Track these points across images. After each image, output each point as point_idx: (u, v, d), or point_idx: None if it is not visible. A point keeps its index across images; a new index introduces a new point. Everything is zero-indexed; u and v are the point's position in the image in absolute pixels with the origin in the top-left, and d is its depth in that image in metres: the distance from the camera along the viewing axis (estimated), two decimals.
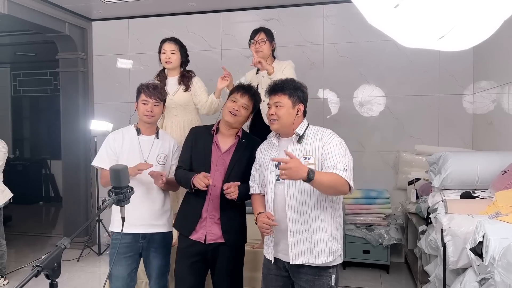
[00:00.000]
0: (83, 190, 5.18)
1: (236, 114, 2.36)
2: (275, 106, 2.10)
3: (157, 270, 2.59)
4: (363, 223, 4.25)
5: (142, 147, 2.56)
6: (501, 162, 2.60)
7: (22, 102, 8.43)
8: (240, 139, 2.42)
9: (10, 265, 4.39)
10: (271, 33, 3.11)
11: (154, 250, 2.57)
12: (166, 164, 2.60)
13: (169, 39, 3.18)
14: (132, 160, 2.48)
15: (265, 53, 3.04)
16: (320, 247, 2.03)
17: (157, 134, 2.62)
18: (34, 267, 1.18)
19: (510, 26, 3.20)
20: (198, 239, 2.37)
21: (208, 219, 2.36)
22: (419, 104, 4.43)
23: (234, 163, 2.37)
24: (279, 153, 2.12)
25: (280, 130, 2.13)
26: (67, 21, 4.87)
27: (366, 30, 2.04)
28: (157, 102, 2.54)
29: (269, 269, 2.17)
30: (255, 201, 2.26)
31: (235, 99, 2.38)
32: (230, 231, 2.37)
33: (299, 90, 2.14)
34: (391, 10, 1.01)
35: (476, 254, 1.91)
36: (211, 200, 2.37)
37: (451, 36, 1.04)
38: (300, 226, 2.03)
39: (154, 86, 2.57)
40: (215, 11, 4.82)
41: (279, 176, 1.91)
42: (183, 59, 3.18)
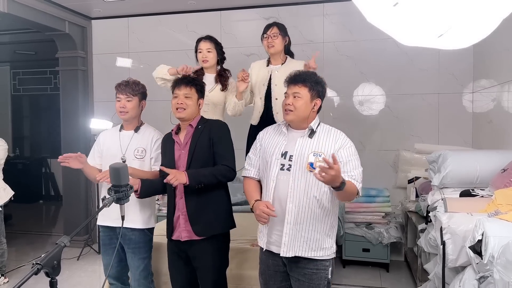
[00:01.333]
0: (83, 189, 5.18)
1: (183, 107, 2.36)
2: (293, 97, 2.07)
3: (136, 272, 2.60)
4: (362, 221, 4.25)
5: (122, 142, 2.62)
6: (501, 160, 2.61)
7: (22, 101, 8.43)
8: (195, 126, 2.41)
9: (10, 263, 4.40)
10: (285, 28, 3.06)
11: (131, 251, 2.59)
12: (145, 158, 2.60)
13: (205, 37, 3.14)
14: (113, 156, 2.55)
15: (277, 48, 3.00)
16: (313, 242, 2.04)
17: (136, 129, 2.64)
18: (34, 265, 1.18)
19: (509, 24, 3.21)
20: (177, 238, 2.38)
21: (181, 216, 2.37)
22: (419, 102, 4.43)
23: (192, 152, 2.35)
24: (286, 142, 2.10)
25: (293, 121, 2.10)
26: (67, 20, 4.86)
27: (366, 28, 2.05)
28: (129, 98, 2.56)
29: (268, 265, 2.16)
30: (250, 186, 2.21)
31: (176, 95, 2.40)
32: (198, 223, 2.34)
33: (320, 85, 2.11)
34: (391, 8, 1.01)
35: (475, 252, 1.91)
36: (179, 197, 2.38)
37: (450, 34, 1.04)
38: (298, 220, 2.03)
39: (126, 82, 2.61)
40: (215, 9, 4.82)
41: (316, 175, 1.82)
42: (219, 56, 3.16)
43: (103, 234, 2.66)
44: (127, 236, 2.56)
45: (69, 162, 2.44)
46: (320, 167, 1.80)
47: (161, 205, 4.66)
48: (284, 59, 3.06)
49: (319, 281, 2.06)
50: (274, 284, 2.17)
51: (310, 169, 2.00)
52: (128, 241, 2.57)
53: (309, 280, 2.06)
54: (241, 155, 2.69)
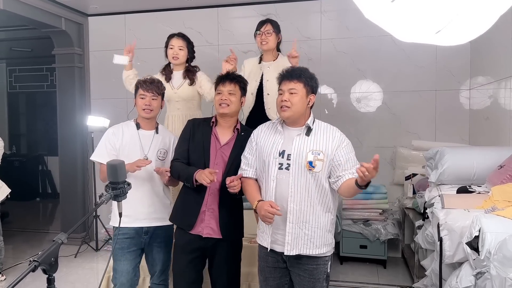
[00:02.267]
0: (80, 186, 5.17)
1: (227, 103, 2.35)
2: (289, 93, 2.04)
3: (161, 265, 2.60)
4: (360, 218, 4.26)
5: (143, 142, 2.55)
6: (498, 157, 2.61)
7: (19, 98, 8.39)
8: (239, 132, 2.41)
9: (8, 261, 4.39)
10: (278, 25, 3.07)
11: (158, 245, 2.58)
12: (166, 160, 2.59)
13: (177, 34, 3.14)
14: (132, 155, 2.48)
15: (270, 46, 3.01)
16: (316, 239, 2.04)
17: (156, 129, 2.62)
18: (31, 262, 1.18)
19: (507, 21, 3.20)
20: (198, 233, 2.35)
21: (207, 212, 2.35)
22: (416, 99, 4.43)
23: (234, 157, 2.34)
24: (283, 141, 2.08)
25: (290, 118, 2.07)
26: (63, 16, 4.84)
27: (363, 25, 2.05)
28: (154, 96, 2.53)
29: (267, 262, 2.16)
30: (250, 186, 2.18)
31: (220, 91, 2.39)
32: (228, 226, 2.36)
33: (313, 80, 2.10)
34: (388, 4, 1.01)
35: (472, 248, 1.92)
36: (210, 193, 2.35)
37: (447, 30, 1.04)
38: (300, 219, 2.03)
39: (151, 81, 2.57)
40: (212, 6, 4.81)
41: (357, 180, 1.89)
42: (189, 55, 3.16)
43: (122, 238, 2.49)
44: (155, 232, 2.55)
45: None
46: (366, 167, 1.84)
47: None
48: (276, 55, 3.07)
49: (319, 275, 2.08)
50: (273, 280, 2.17)
51: (310, 168, 2.00)
52: (155, 236, 2.56)
53: (310, 275, 2.07)
54: None
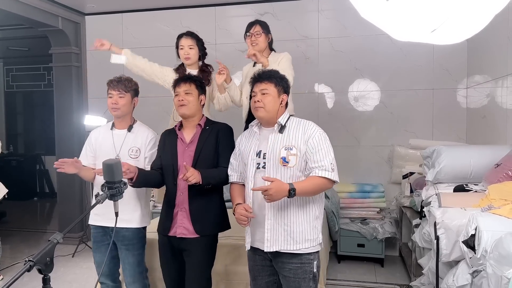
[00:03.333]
0: (78, 186, 5.16)
1: (184, 103, 2.38)
2: (261, 94, 2.11)
3: (130, 269, 2.59)
4: (357, 217, 4.27)
5: (115, 141, 2.59)
6: (494, 155, 2.62)
7: (16, 98, 8.37)
8: (203, 127, 2.44)
9: (5, 261, 4.38)
10: (267, 26, 3.08)
11: (125, 248, 2.58)
12: (140, 157, 2.59)
13: (186, 33, 3.12)
14: (106, 155, 2.50)
15: (261, 46, 3.01)
16: (296, 233, 2.06)
17: (129, 128, 2.63)
18: (27, 262, 1.18)
19: (503, 20, 3.21)
20: (173, 234, 2.40)
21: (179, 212, 2.39)
22: (414, 98, 4.44)
23: (199, 151, 2.38)
24: (259, 141, 2.14)
25: (264, 118, 2.13)
26: (60, 16, 4.82)
27: (360, 24, 2.04)
28: (121, 94, 2.55)
29: (255, 261, 2.19)
30: (233, 191, 2.26)
31: (177, 93, 2.43)
32: (200, 221, 2.37)
33: (284, 81, 2.18)
34: (384, 3, 1.01)
35: (469, 246, 1.92)
36: (180, 193, 2.38)
37: (443, 29, 1.04)
38: (278, 214, 2.06)
39: (118, 79, 2.60)
40: (209, 5, 4.80)
41: (266, 200, 1.95)
42: (201, 52, 3.14)
43: (95, 231, 2.64)
44: (120, 233, 2.55)
45: (65, 167, 2.41)
46: (262, 193, 1.91)
47: (156, 201, 4.66)
48: (267, 55, 3.06)
49: (304, 275, 2.07)
50: (262, 279, 2.19)
51: (283, 163, 2.04)
52: (122, 238, 2.56)
53: (294, 275, 2.07)
54: None
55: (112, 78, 2.62)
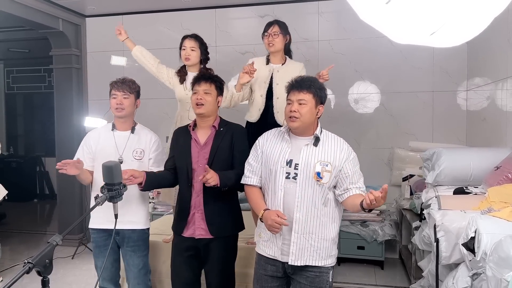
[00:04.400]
0: (78, 188, 5.16)
1: (202, 102, 2.35)
2: (298, 103, 2.03)
3: (135, 270, 2.58)
4: (357, 219, 4.26)
5: (117, 143, 2.57)
6: (494, 158, 2.62)
7: (16, 99, 8.38)
8: (217, 128, 2.41)
9: (5, 262, 4.38)
10: (286, 26, 3.04)
11: (130, 249, 2.57)
12: (143, 159, 2.58)
13: (190, 35, 3.14)
14: (108, 156, 2.46)
15: (277, 47, 2.99)
16: (322, 250, 2.03)
17: (132, 129, 2.62)
18: (26, 263, 1.17)
19: (503, 22, 3.21)
20: (190, 235, 2.38)
21: (196, 214, 2.37)
22: (414, 100, 4.44)
23: (214, 153, 2.36)
24: (291, 150, 2.06)
25: (299, 129, 2.05)
26: (61, 17, 4.83)
27: (360, 26, 2.04)
28: (125, 95, 2.54)
29: (266, 270, 2.13)
30: (254, 195, 2.16)
31: (195, 91, 2.40)
32: (215, 223, 2.35)
33: (322, 91, 2.09)
34: (383, 6, 1.01)
35: (468, 249, 1.92)
36: (196, 195, 2.37)
37: (442, 32, 1.04)
38: (305, 229, 2.01)
39: (122, 80, 2.59)
40: (209, 7, 4.80)
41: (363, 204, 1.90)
42: (202, 56, 3.15)
43: (97, 236, 2.59)
44: (125, 235, 2.55)
45: (67, 169, 2.37)
46: (375, 197, 1.83)
47: (156, 203, 4.66)
48: (284, 59, 3.05)
49: (320, 284, 2.05)
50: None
51: (317, 179, 1.99)
52: (127, 240, 2.55)
53: (311, 283, 2.05)
54: None
55: (115, 79, 2.61)
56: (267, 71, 3.04)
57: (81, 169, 2.47)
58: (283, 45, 3.03)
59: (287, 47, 3.11)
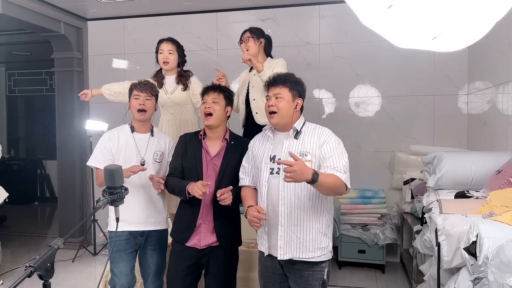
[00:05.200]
0: (79, 190, 5.16)
1: (211, 112, 2.35)
2: (275, 98, 2.08)
3: (155, 268, 2.60)
4: (358, 223, 4.25)
5: (138, 145, 2.56)
6: (495, 162, 2.62)
7: (17, 102, 8.39)
8: (228, 141, 2.42)
9: (5, 265, 4.38)
10: (258, 31, 3.09)
11: (152, 248, 2.59)
12: (163, 162, 2.61)
13: (166, 39, 3.17)
14: (129, 159, 2.50)
15: (252, 50, 3.02)
16: (309, 242, 2.04)
17: (151, 132, 2.63)
18: (27, 267, 1.17)
19: (504, 27, 3.21)
20: (194, 245, 2.38)
21: (203, 225, 2.37)
22: (414, 104, 4.44)
23: (225, 167, 2.36)
24: (273, 146, 2.12)
25: (279, 124, 2.10)
26: (63, 21, 4.85)
27: (361, 30, 2.05)
28: (148, 96, 2.55)
29: (266, 267, 2.18)
30: (245, 193, 2.23)
31: (204, 100, 2.41)
32: (225, 236, 2.37)
33: (299, 85, 2.14)
34: (385, 10, 1.01)
35: (470, 253, 1.92)
36: (205, 206, 2.37)
37: (444, 36, 1.04)
38: (291, 222, 2.04)
39: (145, 82, 2.61)
40: (211, 11, 4.82)
41: (285, 179, 1.83)
42: (180, 59, 3.17)
43: (118, 240, 2.50)
44: (149, 234, 2.57)
45: None
46: (284, 170, 1.80)
47: None
48: (262, 60, 3.07)
49: (314, 281, 2.07)
50: (273, 285, 2.18)
51: None
52: (150, 239, 2.58)
53: (305, 282, 2.07)
54: None
55: (137, 81, 2.61)
56: (248, 78, 3.10)
57: None
58: (258, 49, 3.06)
59: (266, 50, 3.13)
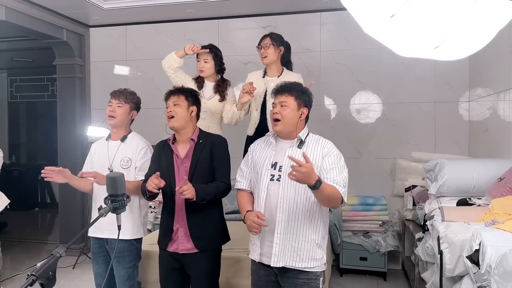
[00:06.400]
0: (79, 197, 5.15)
1: (171, 115, 2.37)
2: (280, 106, 2.10)
3: (120, 283, 2.57)
4: (360, 230, 4.24)
5: (109, 152, 2.63)
6: (497, 169, 2.61)
7: (19, 108, 8.41)
8: (196, 141, 2.41)
9: (5, 272, 4.36)
10: (279, 38, 3.07)
11: (116, 260, 2.56)
12: (130, 167, 2.59)
13: (206, 46, 3.18)
14: (102, 165, 2.57)
15: (270, 59, 3.02)
16: (303, 252, 2.04)
17: (123, 138, 2.65)
18: (29, 276, 1.17)
19: (505, 34, 3.22)
20: (174, 250, 2.38)
21: (180, 229, 2.37)
22: (416, 111, 4.45)
23: (194, 166, 2.36)
24: (275, 153, 2.12)
25: (283, 132, 2.12)
26: (65, 28, 4.87)
27: (362, 37, 2.06)
28: (120, 103, 2.58)
29: (259, 276, 2.16)
30: (242, 198, 2.22)
31: (167, 105, 2.43)
32: (201, 238, 2.35)
33: (305, 94, 2.15)
34: (387, 20, 1.01)
35: (473, 262, 1.91)
36: (179, 209, 2.37)
37: (446, 46, 1.05)
38: (287, 230, 2.04)
39: (122, 90, 2.65)
40: (212, 18, 4.84)
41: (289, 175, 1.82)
42: (217, 67, 3.18)
43: (93, 243, 2.66)
44: (112, 244, 2.54)
45: (53, 176, 2.40)
46: (291, 166, 1.80)
47: (157, 213, 4.64)
48: (280, 70, 3.07)
49: None
50: None
51: None
52: (112, 250, 2.56)
53: None
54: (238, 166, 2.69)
55: (116, 89, 2.67)
56: (262, 84, 3.06)
57: (70, 177, 2.50)
58: (277, 57, 3.05)
59: (285, 58, 3.13)
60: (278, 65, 3.07)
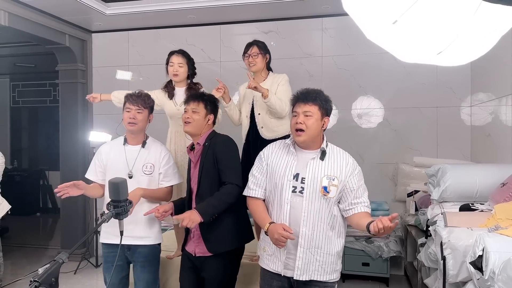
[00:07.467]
0: (81, 202, 5.15)
1: (189, 121, 2.41)
2: (304, 115, 2.02)
3: (144, 285, 2.56)
4: (362, 235, 4.22)
5: (128, 157, 2.56)
6: (500, 174, 2.61)
7: (21, 113, 8.43)
8: (202, 144, 2.42)
9: (7, 277, 4.35)
10: (265, 46, 3.09)
11: (140, 264, 2.56)
12: (153, 174, 2.57)
13: (177, 51, 3.19)
14: (118, 171, 2.49)
15: (258, 67, 3.04)
16: (328, 265, 2.02)
17: (143, 144, 2.61)
18: (32, 282, 1.17)
19: (507, 39, 3.24)
20: (191, 252, 2.43)
21: (195, 232, 2.40)
22: (418, 116, 4.44)
23: (201, 172, 2.38)
24: (297, 163, 2.04)
25: (305, 142, 2.03)
26: (67, 33, 4.89)
27: (364, 42, 2.06)
28: (139, 109, 2.54)
29: (271, 285, 2.10)
30: (259, 207, 2.13)
31: (185, 109, 2.46)
32: (210, 239, 2.36)
33: (328, 103, 2.09)
34: (390, 26, 1.02)
35: (476, 267, 1.90)
36: None
37: (449, 51, 1.05)
38: (311, 244, 1.99)
39: (138, 94, 2.59)
40: (214, 23, 4.86)
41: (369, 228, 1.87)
42: (190, 71, 3.20)
43: (107, 251, 2.58)
44: (137, 250, 2.53)
45: (68, 191, 2.38)
46: (384, 226, 1.81)
47: None
48: (265, 75, 3.08)
49: None
50: None
51: (324, 193, 1.98)
52: (137, 255, 2.54)
53: None
54: None
55: (131, 93, 2.61)
56: (250, 92, 3.05)
57: (85, 188, 2.47)
58: (264, 64, 3.08)
59: (269, 63, 3.15)
60: (264, 71, 3.09)
